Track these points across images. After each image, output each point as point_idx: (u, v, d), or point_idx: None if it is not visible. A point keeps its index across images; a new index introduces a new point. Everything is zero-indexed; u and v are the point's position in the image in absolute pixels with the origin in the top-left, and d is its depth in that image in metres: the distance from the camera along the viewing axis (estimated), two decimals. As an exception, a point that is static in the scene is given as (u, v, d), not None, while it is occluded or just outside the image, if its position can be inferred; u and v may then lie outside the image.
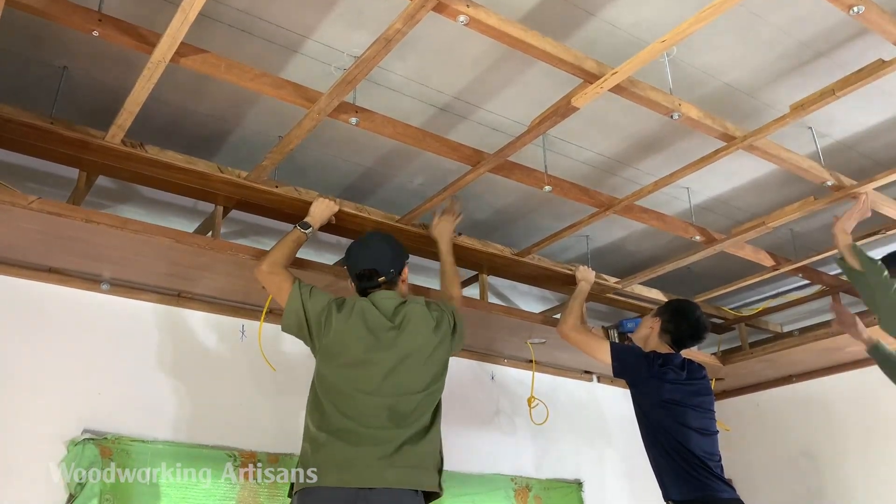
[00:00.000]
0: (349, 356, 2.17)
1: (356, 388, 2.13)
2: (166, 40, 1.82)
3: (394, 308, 2.26)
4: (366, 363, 2.16)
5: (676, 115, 2.22)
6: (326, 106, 2.12)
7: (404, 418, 2.12)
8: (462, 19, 1.82)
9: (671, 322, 2.84)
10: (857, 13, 1.82)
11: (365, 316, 2.21)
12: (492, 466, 3.49)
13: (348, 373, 2.16)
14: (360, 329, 2.18)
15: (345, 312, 2.21)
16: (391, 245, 2.40)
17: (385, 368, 2.15)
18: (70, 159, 2.34)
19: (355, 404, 2.11)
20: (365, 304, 2.24)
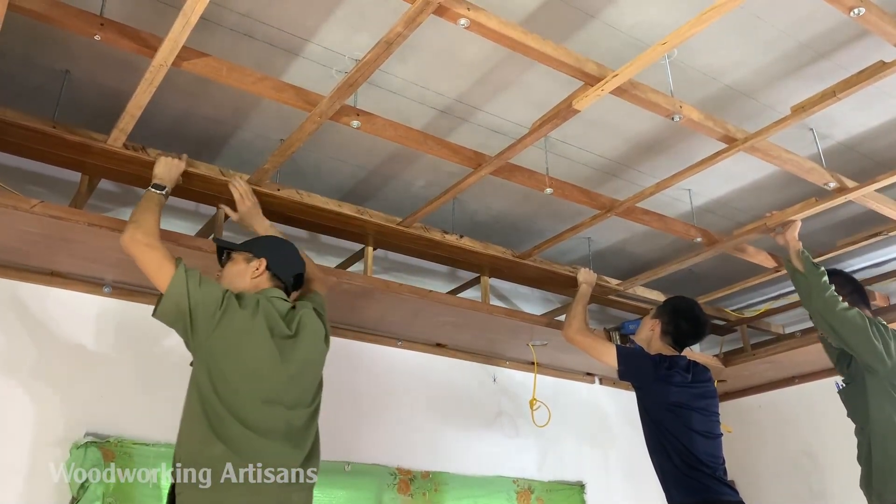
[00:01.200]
0: (250, 357, 1.96)
1: (256, 395, 1.92)
2: (168, 44, 1.83)
3: (286, 311, 2.09)
4: (265, 368, 1.96)
5: (677, 116, 2.22)
6: (328, 109, 2.13)
7: (297, 435, 1.97)
8: (463, 22, 1.82)
9: (671, 323, 2.85)
10: (857, 15, 1.83)
11: (268, 316, 2.01)
12: (494, 468, 3.49)
13: (249, 375, 1.94)
14: (264, 330, 1.98)
15: (248, 310, 1.98)
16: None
17: (285, 376, 1.99)
18: (72, 163, 2.35)
19: (254, 413, 1.90)
20: (267, 305, 2.04)
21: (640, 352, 2.86)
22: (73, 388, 2.54)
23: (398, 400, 3.33)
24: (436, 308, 3.02)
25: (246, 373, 1.93)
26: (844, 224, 3.25)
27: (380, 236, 2.90)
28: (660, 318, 2.89)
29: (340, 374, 3.19)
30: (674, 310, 2.89)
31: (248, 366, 1.94)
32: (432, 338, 3.47)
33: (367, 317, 3.14)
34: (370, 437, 3.17)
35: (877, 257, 3.58)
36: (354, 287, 2.77)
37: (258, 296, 2.05)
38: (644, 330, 2.95)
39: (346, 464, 3.03)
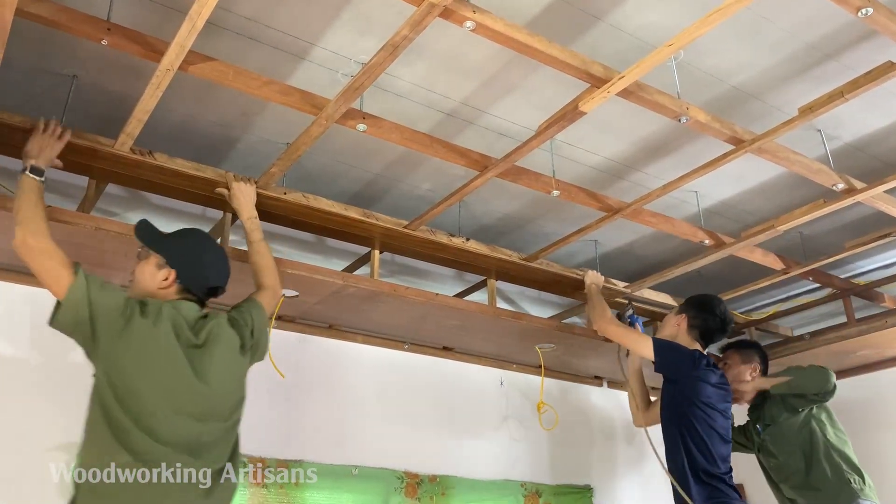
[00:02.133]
0: (157, 368, 1.85)
1: (163, 406, 1.82)
2: (174, 48, 1.83)
3: (195, 320, 1.97)
4: (172, 379, 1.86)
5: (684, 118, 2.21)
6: (334, 112, 2.13)
7: (206, 451, 1.85)
8: (468, 25, 1.82)
9: (698, 317, 2.87)
10: (864, 15, 1.82)
11: (175, 326, 1.90)
12: (501, 472, 3.48)
13: (156, 386, 1.83)
14: (170, 339, 1.87)
15: (150, 318, 1.86)
16: (226, 256, 2.20)
17: (194, 387, 1.87)
18: (79, 167, 2.36)
19: (161, 424, 1.80)
20: (172, 312, 1.92)
21: (677, 345, 2.83)
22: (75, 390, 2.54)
23: (405, 403, 3.33)
24: (442, 311, 3.01)
25: (151, 383, 1.82)
26: (853, 225, 3.24)
27: (386, 239, 2.90)
28: (686, 312, 2.90)
29: (348, 377, 3.20)
30: (701, 304, 2.90)
31: (153, 376, 1.83)
32: (439, 341, 3.47)
33: (374, 320, 3.14)
34: (377, 440, 3.17)
35: (885, 259, 3.56)
36: (361, 290, 2.77)
37: (162, 303, 1.93)
38: (668, 326, 2.95)
39: (354, 468, 3.02)
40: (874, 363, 3.82)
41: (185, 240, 2.11)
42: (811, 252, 3.36)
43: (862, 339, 3.47)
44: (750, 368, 3.19)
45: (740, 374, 3.18)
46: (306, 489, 2.86)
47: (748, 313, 4.02)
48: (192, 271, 2.04)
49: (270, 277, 2.33)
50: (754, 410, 3.19)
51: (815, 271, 3.37)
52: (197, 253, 2.09)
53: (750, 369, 3.19)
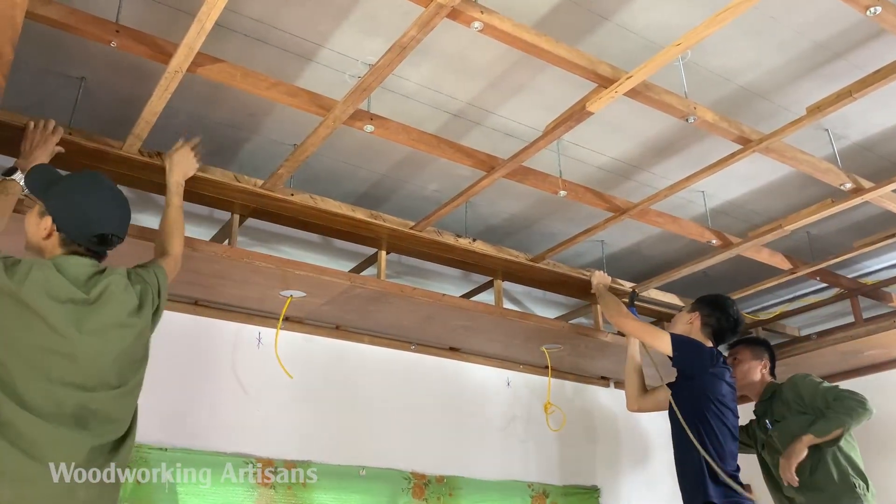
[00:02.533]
0: (27, 331, 1.65)
1: (35, 373, 1.63)
2: (183, 50, 1.84)
3: (87, 277, 1.76)
4: (49, 343, 1.66)
5: (692, 118, 2.21)
6: (341, 114, 2.13)
7: (95, 420, 1.67)
8: (476, 25, 1.82)
9: (712, 316, 2.87)
10: (873, 14, 1.81)
11: (47, 285, 1.68)
12: (508, 473, 3.48)
13: (25, 351, 1.64)
14: (42, 299, 1.66)
15: (18, 275, 1.66)
16: (124, 200, 1.94)
17: (74, 353, 1.67)
18: (88, 169, 2.36)
19: (33, 392, 1.61)
20: (46, 270, 1.71)
21: (695, 341, 2.82)
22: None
23: (412, 404, 3.33)
24: (449, 312, 3.01)
25: (18, 348, 1.63)
26: (861, 225, 3.23)
27: (393, 240, 2.90)
28: (700, 310, 2.90)
29: (355, 378, 3.20)
30: (714, 303, 2.90)
31: (20, 340, 1.64)
32: (446, 342, 3.47)
33: (381, 321, 3.14)
34: (384, 441, 3.17)
35: (893, 258, 3.55)
36: (368, 291, 2.77)
37: (34, 262, 1.71)
38: (680, 324, 2.93)
39: (361, 468, 3.02)
40: (882, 363, 3.81)
41: (69, 183, 1.87)
42: (818, 252, 3.35)
43: (869, 339, 3.46)
44: (760, 364, 3.17)
45: (751, 369, 3.17)
46: (313, 490, 2.86)
47: (755, 313, 4.01)
48: (71, 218, 1.80)
49: (177, 246, 2.16)
50: (762, 405, 3.18)
51: (822, 271, 3.37)
52: (78, 197, 1.83)
53: (760, 365, 3.17)
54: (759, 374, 3.17)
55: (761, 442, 3.16)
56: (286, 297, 2.77)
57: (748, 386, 3.17)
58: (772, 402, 3.12)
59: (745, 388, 3.16)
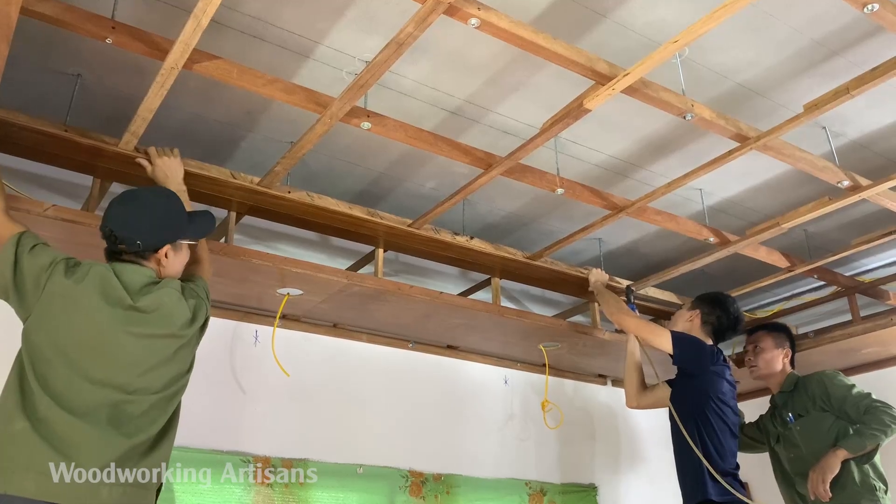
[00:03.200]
0: (74, 329, 1.73)
1: (76, 371, 1.69)
2: (179, 47, 1.83)
3: (141, 286, 1.83)
4: (95, 343, 1.73)
5: (689, 115, 2.21)
6: (338, 111, 2.13)
7: (130, 422, 1.72)
8: (473, 22, 1.82)
9: (712, 314, 2.86)
10: (871, 11, 1.81)
11: (103, 284, 1.77)
12: (506, 471, 3.48)
13: (70, 350, 1.71)
14: (94, 298, 1.75)
15: (77, 275, 1.77)
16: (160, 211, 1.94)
17: (118, 355, 1.74)
18: (84, 166, 2.36)
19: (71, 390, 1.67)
20: (104, 271, 1.80)
21: (696, 339, 2.81)
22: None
23: (410, 402, 3.33)
24: (447, 310, 3.01)
25: (64, 346, 1.71)
26: (858, 223, 3.23)
27: (390, 238, 2.90)
28: (700, 308, 2.89)
29: (352, 376, 3.20)
30: (714, 300, 2.90)
31: (67, 338, 1.72)
32: (444, 340, 3.47)
33: (379, 319, 3.14)
34: (382, 439, 3.17)
35: (891, 256, 3.55)
36: (365, 289, 2.77)
37: (93, 263, 1.82)
38: (680, 321, 2.92)
39: (359, 466, 3.02)
40: (880, 361, 3.81)
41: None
42: (816, 250, 3.35)
43: (867, 336, 3.46)
44: (783, 353, 3.09)
45: (773, 359, 3.08)
46: (311, 488, 2.86)
47: (753, 311, 4.02)
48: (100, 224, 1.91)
49: (204, 251, 2.23)
50: (782, 396, 3.06)
51: (820, 269, 3.37)
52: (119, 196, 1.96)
53: (782, 354, 3.09)
54: (781, 363, 3.08)
55: (776, 435, 3.08)
56: (283, 294, 2.77)
57: (770, 376, 3.09)
58: (793, 395, 3.02)
59: (766, 378, 3.09)
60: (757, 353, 3.11)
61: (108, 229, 1.87)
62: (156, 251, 1.90)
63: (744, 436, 3.18)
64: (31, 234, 1.84)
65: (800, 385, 3.02)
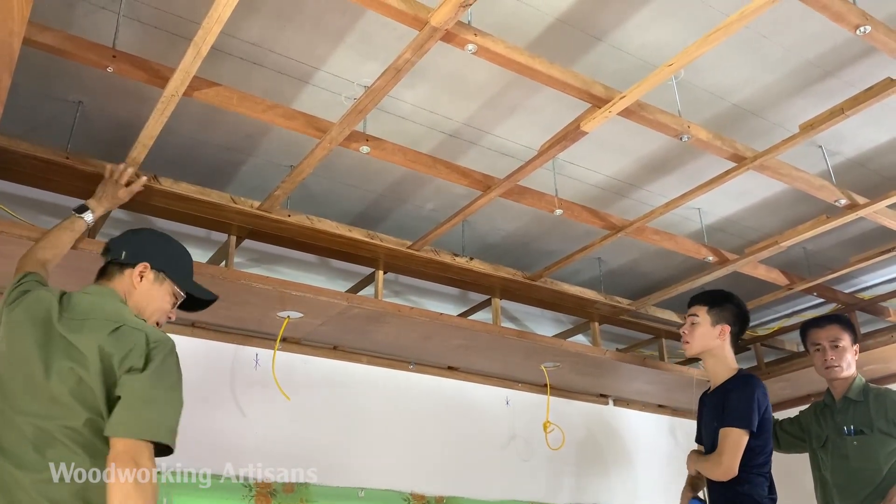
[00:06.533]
0: (9, 357, 1.63)
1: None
2: (179, 74, 1.85)
3: (86, 304, 1.69)
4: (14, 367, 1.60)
5: (686, 136, 2.22)
6: (337, 135, 2.14)
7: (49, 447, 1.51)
8: (470, 48, 1.84)
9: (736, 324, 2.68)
10: (863, 32, 1.83)
11: (38, 304, 1.68)
12: (508, 492, 3.46)
13: (4, 381, 1.60)
14: (23, 324, 1.65)
15: (17, 301, 1.71)
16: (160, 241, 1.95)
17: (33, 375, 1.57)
18: (85, 193, 2.35)
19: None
20: (43, 293, 1.71)
21: (742, 394, 2.52)
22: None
23: (411, 424, 3.32)
24: (447, 331, 3.01)
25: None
26: (856, 240, 3.23)
27: (390, 260, 2.91)
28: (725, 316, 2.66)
29: (353, 398, 3.19)
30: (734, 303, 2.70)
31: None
32: (444, 361, 3.47)
33: (379, 340, 3.14)
34: (383, 462, 3.16)
35: (890, 273, 3.55)
36: (366, 311, 2.77)
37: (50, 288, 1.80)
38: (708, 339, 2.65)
39: (360, 490, 3.01)
40: (881, 378, 3.79)
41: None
42: (815, 267, 3.36)
43: (868, 353, 3.44)
44: (855, 350, 2.89)
45: (853, 362, 2.84)
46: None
47: (753, 329, 4.01)
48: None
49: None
50: (845, 403, 2.84)
51: (819, 286, 3.37)
52: None
53: (855, 350, 2.88)
54: (854, 362, 2.85)
55: (821, 439, 2.90)
56: (283, 317, 2.77)
57: (843, 381, 2.84)
58: (857, 405, 2.80)
59: (839, 382, 2.85)
60: (839, 352, 2.83)
61: (107, 243, 1.91)
62: (133, 266, 1.81)
63: (784, 433, 3.08)
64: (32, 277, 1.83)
65: (869, 396, 2.79)
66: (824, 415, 2.97)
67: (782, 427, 3.13)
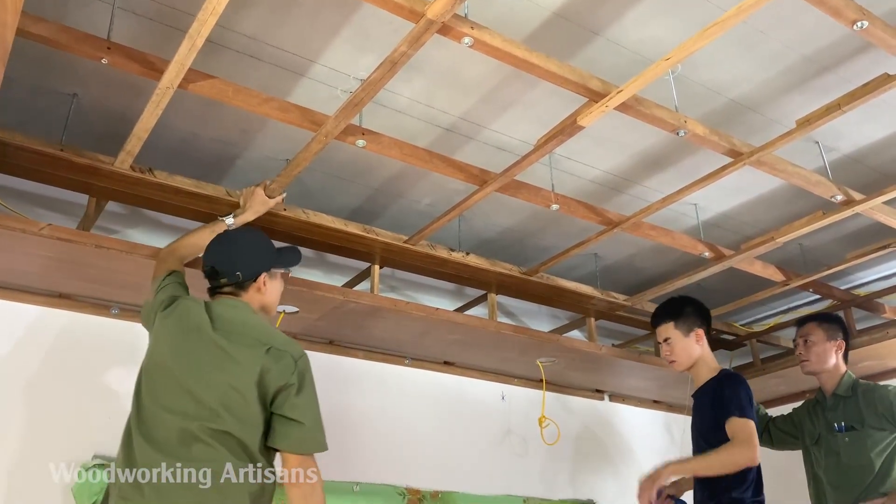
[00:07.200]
0: (161, 361, 1.88)
1: (154, 401, 1.83)
2: (174, 67, 1.84)
3: (231, 318, 1.93)
4: (168, 374, 1.85)
5: (682, 132, 2.22)
6: (333, 129, 2.13)
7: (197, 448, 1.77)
8: (467, 41, 1.83)
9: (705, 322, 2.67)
10: (860, 28, 1.82)
11: (189, 315, 1.92)
12: (503, 487, 3.47)
13: (151, 381, 1.87)
14: (176, 332, 1.90)
15: (169, 309, 1.95)
16: (252, 244, 2.08)
17: (183, 380, 1.83)
18: (80, 185, 2.36)
19: (153, 419, 1.81)
20: (191, 304, 1.95)
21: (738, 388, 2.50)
22: (82, 410, 2.54)
23: (407, 419, 3.32)
24: (443, 326, 3.01)
25: (152, 378, 1.90)
26: (852, 237, 3.24)
27: (386, 254, 2.90)
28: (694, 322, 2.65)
29: (349, 393, 3.19)
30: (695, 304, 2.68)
31: (154, 372, 1.90)
32: (440, 356, 3.46)
33: (375, 336, 3.14)
34: (379, 456, 3.16)
35: (886, 270, 3.56)
36: (362, 306, 2.77)
37: (194, 298, 2.02)
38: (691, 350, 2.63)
39: (355, 484, 3.01)
40: (877, 374, 3.80)
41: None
42: (811, 263, 3.36)
43: (864, 350, 3.46)
44: (835, 346, 2.87)
45: (825, 352, 2.86)
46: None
47: (749, 325, 4.02)
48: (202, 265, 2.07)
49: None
50: (835, 400, 2.85)
51: (815, 283, 3.37)
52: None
53: (835, 347, 2.87)
54: (834, 357, 2.86)
55: (814, 436, 2.91)
56: (279, 312, 2.77)
57: (822, 372, 2.87)
58: (847, 401, 2.81)
59: (818, 374, 2.89)
60: (808, 346, 2.89)
61: (209, 267, 2.01)
62: (254, 279, 2.01)
63: (777, 430, 3.08)
64: (176, 278, 2.07)
65: (858, 392, 2.81)
66: (816, 412, 2.96)
67: (776, 424, 3.13)
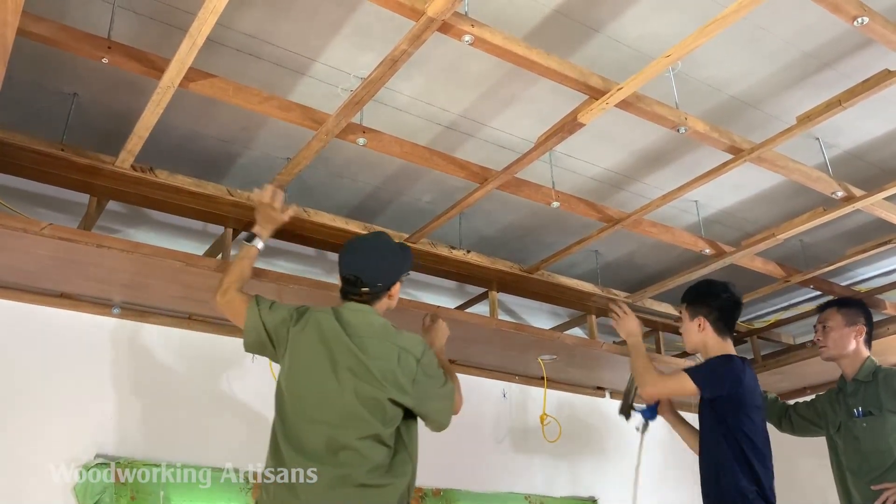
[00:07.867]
0: (301, 374, 1.99)
1: (298, 413, 1.95)
2: (175, 65, 1.84)
3: (367, 327, 2.04)
4: (312, 385, 1.97)
5: (683, 129, 2.22)
6: (334, 127, 2.14)
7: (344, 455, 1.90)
8: (467, 39, 1.83)
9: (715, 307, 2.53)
10: (861, 24, 1.82)
11: (321, 325, 2.01)
12: (505, 484, 3.47)
13: (297, 393, 1.98)
14: (313, 345, 2.00)
15: (300, 324, 2.03)
16: (390, 254, 2.17)
17: (323, 389, 1.95)
18: (81, 185, 2.36)
19: (298, 430, 1.94)
20: (321, 314, 2.04)
21: (713, 362, 2.48)
22: (83, 409, 2.54)
23: (408, 417, 3.32)
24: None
25: (296, 389, 1.99)
26: (853, 233, 3.24)
27: (387, 253, 2.89)
28: (699, 310, 2.55)
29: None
30: (707, 293, 2.57)
31: (298, 383, 1.99)
32: (441, 354, 3.46)
33: (376, 333, 3.13)
34: (380, 454, 3.15)
35: (886, 266, 3.56)
36: (363, 304, 2.77)
37: (310, 308, 2.08)
38: (692, 335, 2.57)
39: (357, 482, 3.01)
40: (877, 370, 3.81)
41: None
42: (812, 260, 3.36)
43: (864, 346, 3.45)
44: (854, 331, 2.79)
45: (842, 338, 2.80)
46: None
47: (750, 322, 4.02)
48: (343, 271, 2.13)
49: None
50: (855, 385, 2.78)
51: (815, 279, 3.37)
52: (345, 245, 2.19)
53: (854, 332, 2.79)
54: (854, 342, 2.78)
55: (836, 423, 2.84)
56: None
57: (842, 358, 2.81)
58: (867, 386, 2.75)
59: (837, 359, 2.83)
60: (826, 332, 2.83)
61: (353, 276, 2.07)
62: (388, 289, 2.13)
63: (798, 416, 3.04)
64: (263, 297, 2.12)
65: (879, 377, 2.73)
66: (838, 399, 2.91)
67: (797, 411, 3.07)
